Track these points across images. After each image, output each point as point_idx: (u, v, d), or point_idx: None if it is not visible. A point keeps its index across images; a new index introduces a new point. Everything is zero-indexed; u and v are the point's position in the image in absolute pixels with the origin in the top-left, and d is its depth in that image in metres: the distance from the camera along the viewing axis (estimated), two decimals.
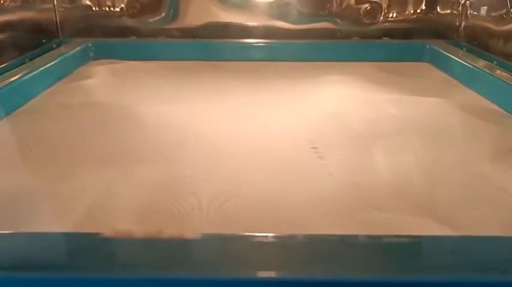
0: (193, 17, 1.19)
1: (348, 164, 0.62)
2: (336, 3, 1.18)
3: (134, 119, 0.74)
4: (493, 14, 0.99)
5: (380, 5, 1.18)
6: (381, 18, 1.19)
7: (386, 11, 1.19)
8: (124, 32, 1.18)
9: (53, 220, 0.48)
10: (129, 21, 1.18)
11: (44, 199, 0.52)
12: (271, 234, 0.40)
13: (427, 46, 1.13)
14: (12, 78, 0.80)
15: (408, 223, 0.48)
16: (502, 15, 0.95)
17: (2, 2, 0.92)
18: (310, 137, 0.69)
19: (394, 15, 1.20)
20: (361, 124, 0.73)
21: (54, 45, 1.09)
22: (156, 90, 0.89)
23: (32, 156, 0.62)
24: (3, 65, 0.88)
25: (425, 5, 1.20)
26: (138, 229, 0.37)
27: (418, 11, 1.20)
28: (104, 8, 1.18)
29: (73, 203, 0.50)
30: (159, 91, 0.89)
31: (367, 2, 1.18)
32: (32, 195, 0.52)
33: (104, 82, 0.92)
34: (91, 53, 1.10)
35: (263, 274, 0.35)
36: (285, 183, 0.56)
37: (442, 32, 1.19)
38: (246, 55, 1.14)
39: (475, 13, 1.07)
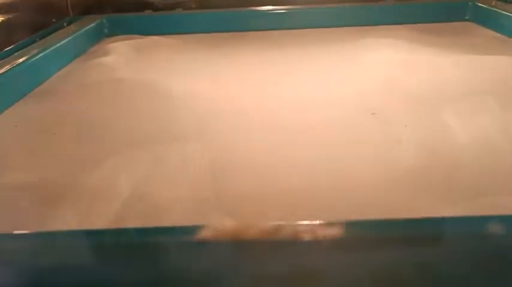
0: None
1: (418, 130, 0.53)
2: None
3: (163, 95, 0.66)
4: None
5: None
6: None
7: None
8: (137, 6, 1.09)
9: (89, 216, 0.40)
10: None
11: (73, 191, 0.44)
12: None
13: (469, 3, 1.03)
14: (22, 58, 0.72)
15: None
16: None
17: None
18: (367, 104, 0.60)
19: None
20: (421, 87, 0.64)
21: (64, 24, 1.00)
22: (181, 64, 0.80)
23: (54, 140, 0.54)
24: (12, 46, 0.81)
25: None
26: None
27: None
28: None
29: (108, 196, 0.42)
30: (185, 65, 0.80)
31: None
32: (59, 187, 0.44)
33: (123, 58, 0.83)
34: (105, 29, 1.01)
35: None
36: (353, 153, 0.49)
37: None
38: (272, 24, 1.05)
39: None
